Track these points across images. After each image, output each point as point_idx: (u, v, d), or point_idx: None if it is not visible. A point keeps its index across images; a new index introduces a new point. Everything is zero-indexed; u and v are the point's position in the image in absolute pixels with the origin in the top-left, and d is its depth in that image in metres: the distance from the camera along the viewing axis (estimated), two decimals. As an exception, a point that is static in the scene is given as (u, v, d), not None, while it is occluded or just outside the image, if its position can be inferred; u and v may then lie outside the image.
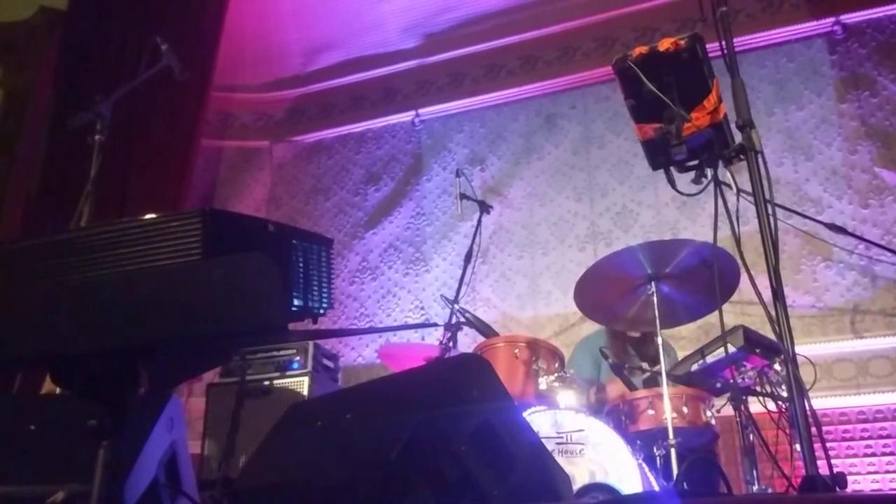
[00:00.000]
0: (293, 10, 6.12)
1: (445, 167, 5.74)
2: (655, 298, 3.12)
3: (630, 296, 3.29)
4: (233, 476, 3.53)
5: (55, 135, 5.37)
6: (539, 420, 2.95)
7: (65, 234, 1.71)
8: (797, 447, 1.88)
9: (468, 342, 4.44)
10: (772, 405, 2.73)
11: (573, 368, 3.57)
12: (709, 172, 2.19)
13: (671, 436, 2.87)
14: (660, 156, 2.25)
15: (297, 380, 4.00)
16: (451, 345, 3.73)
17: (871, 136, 4.71)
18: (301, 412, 2.35)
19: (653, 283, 3.16)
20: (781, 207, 3.34)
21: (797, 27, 5.08)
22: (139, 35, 5.29)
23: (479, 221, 4.37)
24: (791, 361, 1.85)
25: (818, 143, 4.82)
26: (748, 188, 2.03)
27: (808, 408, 1.80)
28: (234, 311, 1.33)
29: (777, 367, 2.68)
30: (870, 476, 4.17)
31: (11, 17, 5.91)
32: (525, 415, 2.87)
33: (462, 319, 3.82)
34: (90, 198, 3.41)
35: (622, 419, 3.16)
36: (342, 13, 6.08)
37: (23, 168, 5.61)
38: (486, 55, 5.84)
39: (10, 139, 5.75)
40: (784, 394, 2.66)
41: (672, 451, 2.86)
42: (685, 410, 3.08)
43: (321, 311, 1.80)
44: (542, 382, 3.23)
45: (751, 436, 2.90)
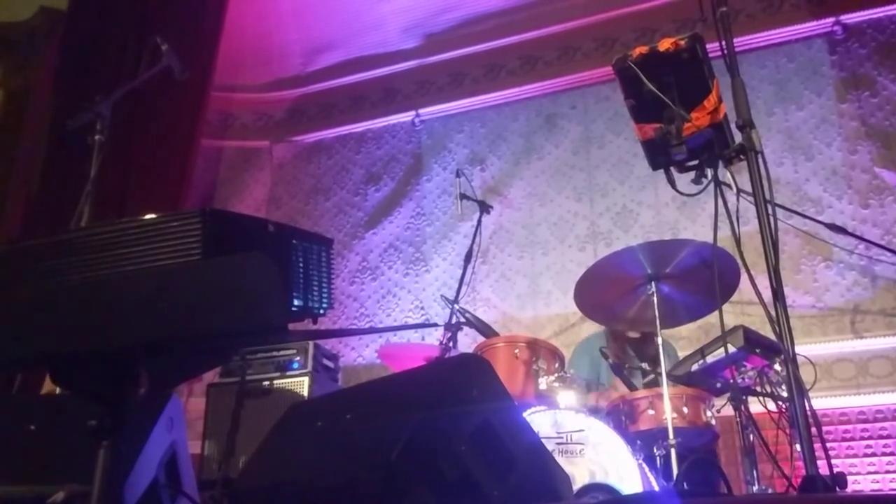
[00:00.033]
0: (293, 10, 6.12)
1: (445, 167, 5.74)
2: (655, 298, 3.13)
3: (630, 296, 3.29)
4: (233, 476, 3.52)
5: (55, 135, 5.37)
6: (539, 420, 2.95)
7: (65, 234, 1.71)
8: (797, 447, 1.88)
9: (468, 342, 4.44)
10: (772, 405, 2.73)
11: (573, 370, 3.57)
12: (709, 172, 2.19)
13: (671, 436, 2.87)
14: (660, 156, 2.25)
15: (297, 380, 4.00)
16: (451, 345, 3.73)
17: (871, 137, 4.71)
18: (301, 412, 2.35)
19: (653, 283, 3.16)
20: (781, 207, 3.34)
21: (797, 27, 5.08)
22: (139, 35, 5.30)
23: (479, 221, 4.37)
24: (791, 361, 1.85)
25: (818, 144, 4.82)
26: (748, 188, 2.03)
27: (809, 408, 1.80)
28: (234, 311, 1.33)
29: (777, 367, 2.68)
30: (870, 476, 4.17)
31: (11, 17, 5.91)
32: (525, 415, 2.87)
33: (462, 319, 3.82)
34: (90, 198, 3.41)
35: (622, 419, 3.16)
36: (342, 13, 6.08)
37: (23, 168, 5.61)
38: (486, 55, 5.84)
39: (10, 139, 5.75)
40: (784, 394, 2.65)
41: (672, 451, 2.86)
42: (685, 410, 3.08)
43: (321, 312, 1.80)
44: (542, 382, 3.23)
45: (751, 436, 2.89)
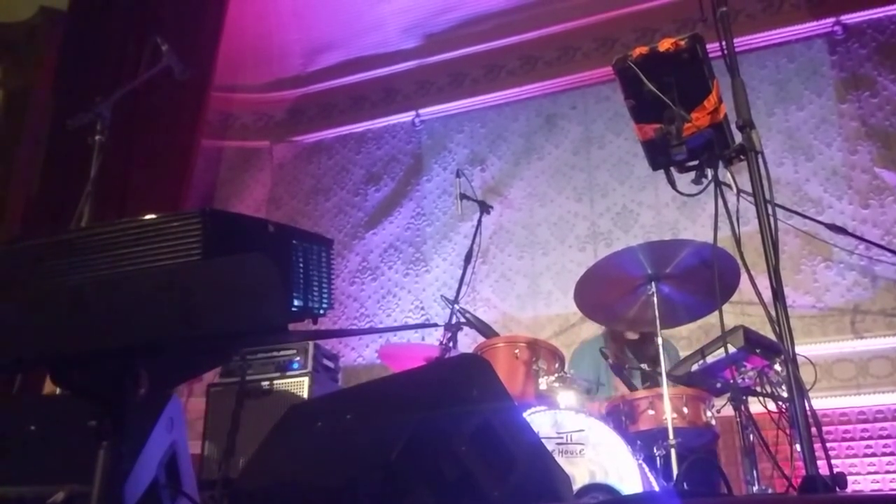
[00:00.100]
0: (293, 11, 6.12)
1: (446, 167, 5.74)
2: (655, 299, 3.13)
3: (630, 296, 3.29)
4: (233, 476, 3.52)
5: (55, 135, 5.37)
6: (539, 420, 2.95)
7: (65, 234, 1.71)
8: (797, 447, 1.88)
9: (468, 342, 4.44)
10: (772, 405, 2.73)
11: (573, 371, 3.57)
12: (709, 173, 2.19)
13: (671, 436, 2.88)
14: (660, 156, 2.24)
15: (298, 380, 4.00)
16: (452, 345, 3.73)
17: (872, 137, 4.71)
18: (301, 413, 2.35)
19: (653, 284, 3.16)
20: (782, 208, 3.33)
21: (797, 27, 5.08)
22: (139, 35, 5.30)
23: (480, 222, 4.36)
24: (791, 362, 1.85)
25: (818, 144, 4.82)
26: (748, 188, 2.03)
27: (809, 408, 1.80)
28: (235, 312, 1.33)
29: (777, 368, 2.68)
30: (870, 476, 4.17)
31: (11, 17, 5.91)
32: (525, 415, 2.87)
33: (462, 320, 3.82)
34: (90, 198, 3.41)
35: (622, 419, 3.16)
36: (342, 13, 6.07)
37: (23, 168, 5.61)
38: (487, 55, 5.84)
39: (10, 139, 5.75)
40: (784, 394, 2.65)
41: (672, 452, 2.86)
42: (685, 411, 3.08)
43: (321, 312, 1.80)
44: (543, 383, 3.23)
45: (751, 436, 2.89)
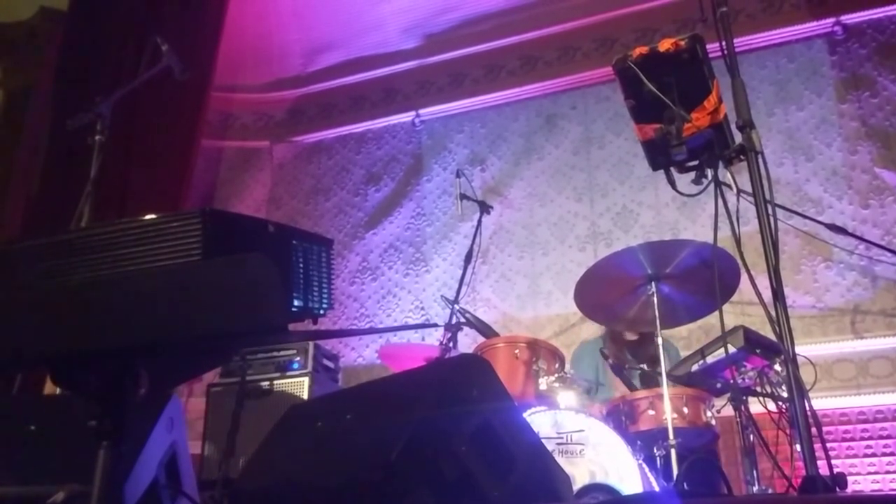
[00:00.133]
0: (293, 11, 6.12)
1: (446, 167, 5.74)
2: (655, 299, 3.13)
3: (630, 296, 3.29)
4: (233, 476, 3.52)
5: (55, 135, 5.36)
6: (539, 420, 2.95)
7: (65, 235, 1.71)
8: (797, 447, 1.88)
9: (468, 342, 4.44)
10: (772, 405, 2.73)
11: (573, 371, 3.57)
12: (709, 173, 2.20)
13: (671, 436, 2.88)
14: (660, 156, 2.25)
15: (298, 380, 4.00)
16: (452, 345, 3.73)
17: (872, 137, 4.71)
18: (301, 413, 2.35)
19: (653, 284, 3.16)
20: (782, 208, 3.34)
21: (797, 28, 5.07)
22: (139, 35, 5.30)
23: (480, 222, 4.37)
24: (791, 362, 1.85)
25: (818, 144, 4.82)
26: (748, 188, 2.03)
27: (809, 408, 1.80)
28: (235, 312, 1.33)
29: (777, 368, 2.68)
30: (870, 476, 4.17)
31: (11, 17, 5.92)
32: (525, 415, 2.87)
33: (462, 320, 3.82)
34: (90, 198, 3.41)
35: (622, 419, 3.16)
36: (342, 13, 6.07)
37: (23, 168, 5.61)
38: (487, 55, 5.84)
39: (10, 139, 5.75)
40: (784, 394, 2.65)
41: (672, 452, 2.86)
42: (685, 411, 3.08)
43: (321, 312, 1.80)
44: (543, 383, 3.23)
45: (751, 436, 2.89)
